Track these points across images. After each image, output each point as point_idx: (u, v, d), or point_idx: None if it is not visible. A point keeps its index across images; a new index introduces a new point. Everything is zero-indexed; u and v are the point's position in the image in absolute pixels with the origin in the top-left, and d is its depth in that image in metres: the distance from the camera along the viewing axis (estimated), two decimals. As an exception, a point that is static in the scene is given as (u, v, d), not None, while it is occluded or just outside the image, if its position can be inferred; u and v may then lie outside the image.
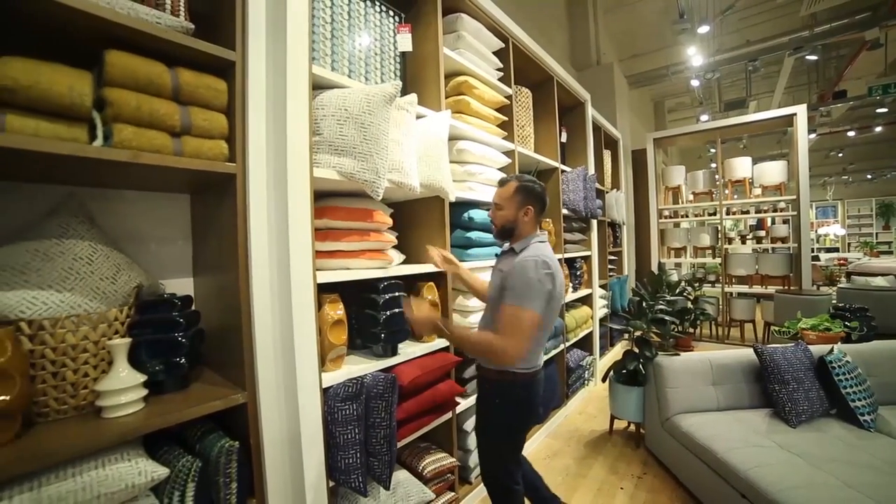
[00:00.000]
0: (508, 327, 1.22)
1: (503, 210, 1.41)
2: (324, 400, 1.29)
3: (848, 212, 14.88)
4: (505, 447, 1.40)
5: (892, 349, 2.33)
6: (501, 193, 1.42)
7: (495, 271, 1.46)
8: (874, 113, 8.68)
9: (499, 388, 1.37)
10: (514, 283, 1.26)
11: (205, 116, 1.11)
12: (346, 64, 1.62)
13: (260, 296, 1.20)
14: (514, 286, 1.25)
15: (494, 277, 1.44)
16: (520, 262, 1.28)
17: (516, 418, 1.37)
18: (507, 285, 1.28)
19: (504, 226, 1.42)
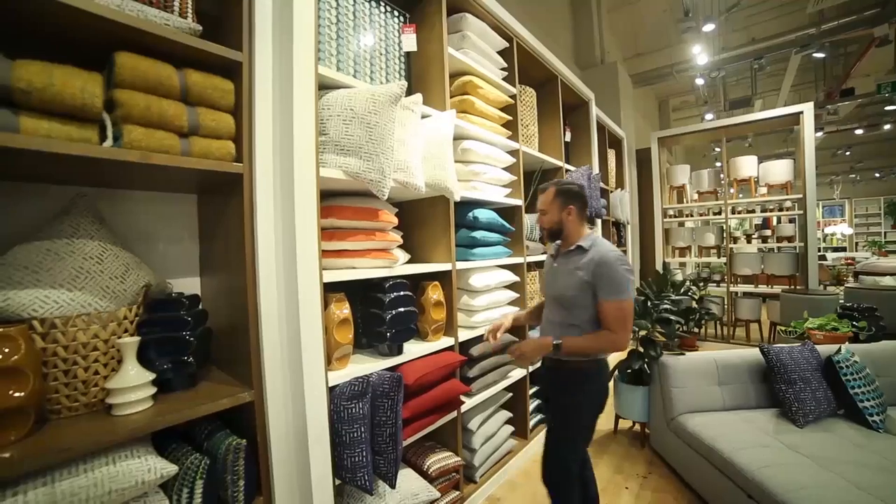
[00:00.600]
0: (618, 320, 1.33)
1: (547, 214, 1.51)
2: (330, 398, 1.30)
3: (855, 211, 14.71)
4: (586, 433, 1.48)
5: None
6: (543, 199, 1.53)
7: (566, 270, 1.45)
8: (883, 111, 8.57)
9: (586, 376, 1.44)
10: (608, 279, 1.34)
11: (212, 117, 1.12)
12: (352, 64, 1.62)
13: (267, 295, 1.21)
14: (609, 282, 1.34)
15: (567, 277, 1.44)
16: (602, 258, 1.36)
17: (599, 402, 1.46)
18: (597, 282, 1.35)
19: (552, 228, 1.51)
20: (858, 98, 7.10)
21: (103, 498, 0.86)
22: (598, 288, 1.35)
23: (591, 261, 1.37)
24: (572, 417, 1.44)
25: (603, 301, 1.35)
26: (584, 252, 1.42)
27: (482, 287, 1.96)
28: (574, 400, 1.43)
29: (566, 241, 1.51)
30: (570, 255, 1.47)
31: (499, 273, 2.12)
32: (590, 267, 1.37)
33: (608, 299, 1.34)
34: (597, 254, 1.38)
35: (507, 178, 2.24)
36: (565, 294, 1.43)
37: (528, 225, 2.56)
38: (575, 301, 1.40)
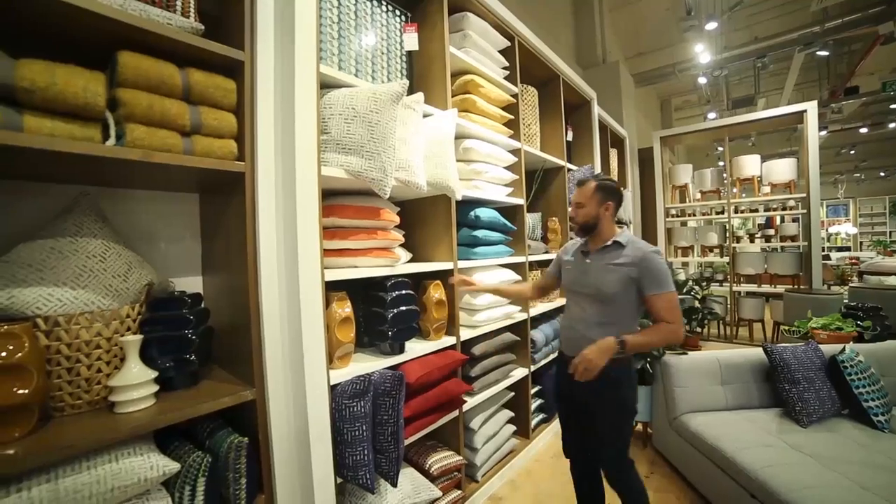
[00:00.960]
0: (672, 312, 1.37)
1: (585, 207, 1.49)
2: (331, 397, 1.30)
3: (860, 210, 14.60)
4: (632, 421, 1.52)
5: (907, 349, 2.30)
6: (583, 192, 1.50)
7: (603, 267, 1.44)
8: (887, 109, 8.51)
9: (628, 370, 1.49)
10: (656, 273, 1.38)
11: (214, 116, 1.13)
12: (353, 63, 1.63)
13: (268, 293, 1.21)
14: (657, 276, 1.38)
15: (606, 273, 1.43)
16: (645, 254, 1.40)
17: (636, 392, 1.53)
18: (644, 277, 1.38)
19: (587, 222, 1.49)
20: (863, 96, 7.05)
21: (106, 495, 0.86)
22: (645, 283, 1.38)
23: (636, 257, 1.40)
24: (627, 411, 1.48)
25: (654, 295, 1.38)
26: (621, 248, 1.44)
27: (484, 286, 1.96)
28: (624, 394, 1.47)
29: (599, 237, 1.50)
30: (605, 251, 1.47)
31: (501, 272, 2.11)
32: (634, 263, 1.39)
33: (659, 293, 1.37)
34: (638, 250, 1.41)
35: (509, 177, 2.24)
36: (605, 290, 1.42)
37: (530, 224, 2.56)
38: (616, 297, 1.41)
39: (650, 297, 1.38)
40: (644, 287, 1.39)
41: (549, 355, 2.61)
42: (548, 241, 2.82)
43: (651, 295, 1.38)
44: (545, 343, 2.53)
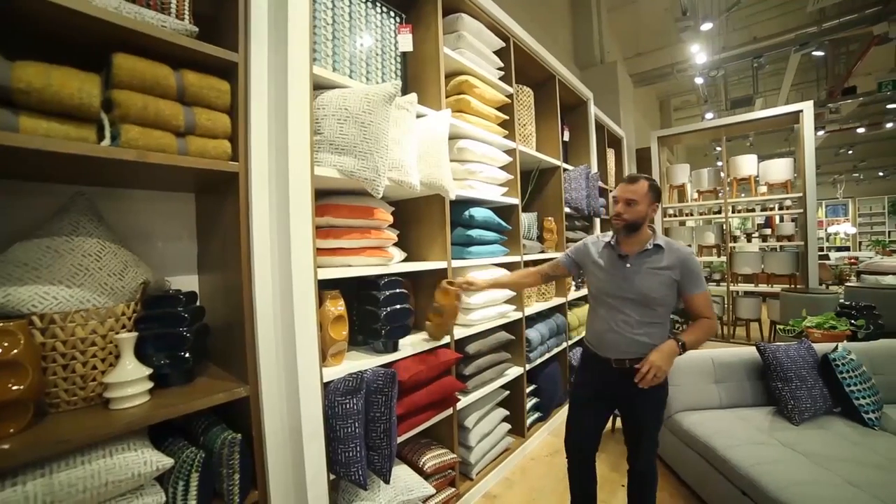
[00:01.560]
0: (711, 308, 1.48)
1: (639, 205, 1.47)
2: (324, 394, 1.32)
3: (859, 210, 14.62)
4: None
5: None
6: (636, 190, 1.47)
7: (646, 271, 1.45)
8: (885, 109, 8.53)
9: None
10: (696, 274, 1.46)
11: (208, 116, 1.14)
12: (348, 64, 1.64)
13: (262, 292, 1.23)
14: (697, 276, 1.46)
15: (650, 277, 1.44)
16: (685, 255, 1.46)
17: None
18: (686, 278, 1.44)
19: (636, 221, 1.48)
20: (860, 96, 7.08)
21: (100, 489, 0.88)
22: (688, 283, 1.45)
23: (677, 259, 1.45)
24: (665, 403, 1.57)
25: (695, 294, 1.45)
26: (661, 251, 1.47)
27: (478, 285, 1.97)
28: (663, 392, 1.54)
29: (637, 240, 1.49)
30: (646, 255, 1.47)
31: (495, 271, 2.12)
32: (677, 265, 1.44)
33: (699, 292, 1.45)
34: (678, 252, 1.47)
35: (504, 176, 2.25)
36: (651, 294, 1.43)
37: (526, 224, 2.58)
38: (662, 300, 1.45)
39: (691, 297, 1.46)
40: (685, 287, 1.45)
41: (544, 354, 2.63)
42: (543, 241, 2.83)
43: (692, 294, 1.45)
44: (540, 342, 2.54)
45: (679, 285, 1.46)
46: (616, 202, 1.51)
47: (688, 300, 1.47)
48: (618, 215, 1.49)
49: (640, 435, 1.55)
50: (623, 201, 1.48)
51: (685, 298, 1.48)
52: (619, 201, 1.50)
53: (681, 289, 1.46)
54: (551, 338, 2.71)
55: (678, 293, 1.48)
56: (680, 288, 1.46)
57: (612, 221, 1.52)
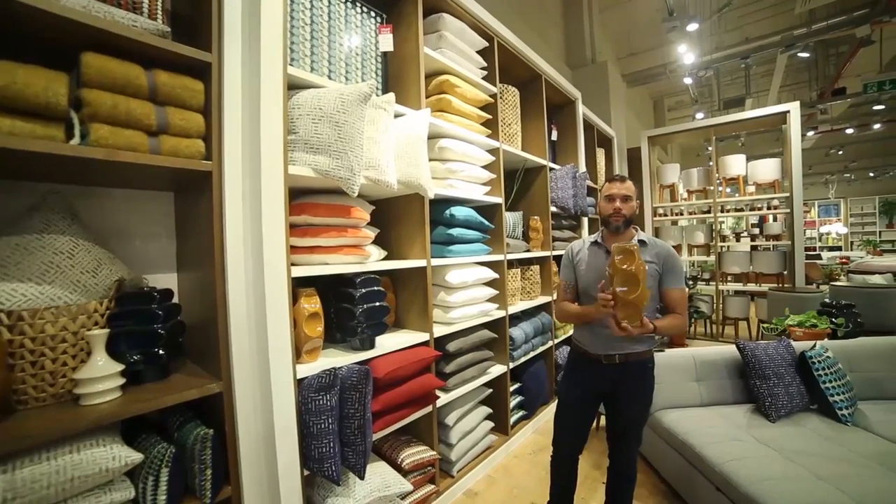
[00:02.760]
0: (685, 305, 1.53)
1: (633, 201, 1.56)
2: (298, 390, 1.33)
3: (851, 210, 14.73)
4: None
5: (876, 346, 2.34)
6: (629, 187, 1.58)
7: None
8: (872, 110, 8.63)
9: (653, 365, 1.58)
10: (677, 269, 1.52)
11: (181, 116, 1.16)
12: (326, 65, 1.65)
13: (235, 289, 1.24)
14: (678, 271, 1.52)
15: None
16: (668, 250, 1.54)
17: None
18: (667, 272, 1.51)
19: (631, 216, 1.56)
20: (849, 97, 7.15)
21: (65, 485, 0.89)
22: (668, 276, 1.51)
23: (661, 253, 1.52)
24: (649, 407, 1.60)
25: (673, 289, 1.51)
26: (645, 245, 1.53)
27: (459, 284, 1.99)
28: (650, 385, 1.57)
29: (626, 236, 1.56)
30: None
31: (477, 270, 2.14)
32: (660, 259, 1.51)
33: (677, 287, 1.51)
34: (661, 246, 1.54)
35: (486, 175, 2.27)
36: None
37: (510, 223, 2.59)
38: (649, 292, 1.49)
39: (669, 290, 1.51)
40: (665, 281, 1.51)
41: (528, 353, 2.65)
42: (529, 240, 2.85)
43: (670, 288, 1.51)
44: (525, 340, 2.56)
45: (660, 278, 1.51)
46: (611, 200, 1.56)
47: (665, 294, 1.52)
48: (617, 211, 1.55)
49: (624, 433, 1.58)
50: (620, 198, 1.55)
51: (663, 292, 1.52)
52: (616, 199, 1.55)
53: (661, 282, 1.52)
54: (536, 336, 2.73)
55: (659, 287, 1.52)
56: (660, 281, 1.52)
57: (612, 219, 1.55)
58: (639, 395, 1.55)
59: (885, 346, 2.36)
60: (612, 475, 1.64)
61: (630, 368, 1.51)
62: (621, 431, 1.58)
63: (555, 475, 1.70)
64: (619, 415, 1.57)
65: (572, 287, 1.68)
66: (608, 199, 1.57)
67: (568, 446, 1.65)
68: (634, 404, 1.55)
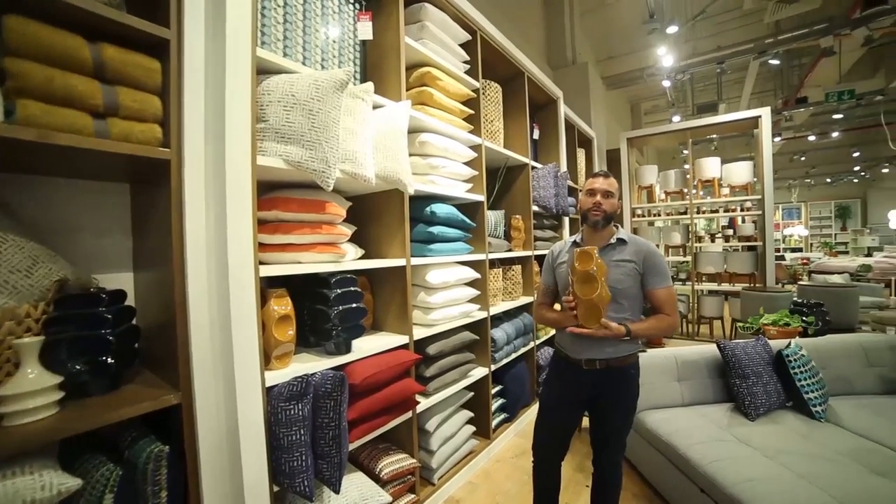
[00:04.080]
0: (672, 304, 1.45)
1: (614, 198, 1.51)
2: (267, 400, 1.22)
3: (810, 213, 15.56)
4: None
5: (844, 343, 2.42)
6: (612, 183, 1.52)
7: (612, 263, 1.44)
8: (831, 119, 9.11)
9: (638, 368, 1.53)
10: (661, 267, 1.46)
11: (134, 97, 1.03)
12: (301, 50, 1.55)
13: (196, 290, 1.13)
14: (661, 270, 1.46)
15: (615, 269, 1.43)
16: (649, 248, 1.47)
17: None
18: (649, 271, 1.44)
19: (614, 212, 1.51)
20: (810, 106, 7.53)
21: (-18, 520, 0.76)
22: (650, 276, 1.44)
23: (640, 251, 1.46)
24: (634, 412, 1.54)
25: (657, 289, 1.44)
26: (625, 244, 1.48)
27: (439, 284, 1.92)
28: (634, 392, 1.52)
29: (602, 235, 1.51)
30: (611, 248, 1.49)
31: (458, 269, 2.07)
32: (640, 257, 1.45)
33: (662, 286, 1.44)
34: (642, 245, 1.48)
35: (468, 172, 2.20)
36: (618, 287, 1.42)
37: (492, 221, 2.54)
38: (626, 293, 1.44)
39: (654, 291, 1.45)
40: (648, 281, 1.45)
41: (510, 354, 2.60)
42: (511, 239, 2.81)
43: (654, 289, 1.44)
44: (506, 342, 2.51)
45: (642, 279, 1.45)
46: (592, 195, 1.50)
47: (650, 294, 1.46)
48: (597, 206, 1.48)
49: (608, 438, 1.53)
50: (602, 193, 1.49)
51: (648, 293, 1.46)
52: (597, 193, 1.49)
53: (643, 283, 1.46)
54: (518, 337, 2.68)
55: (642, 288, 1.47)
56: (643, 282, 1.46)
57: (591, 214, 1.50)
58: (622, 402, 1.50)
59: (852, 343, 2.43)
60: (597, 482, 1.60)
61: (612, 374, 1.46)
62: (605, 438, 1.53)
63: (537, 482, 1.65)
64: (603, 421, 1.53)
65: (552, 290, 1.63)
66: (589, 194, 1.51)
67: (550, 453, 1.60)
68: (617, 411, 1.50)
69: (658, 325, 1.44)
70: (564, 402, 1.55)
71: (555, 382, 1.59)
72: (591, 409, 1.56)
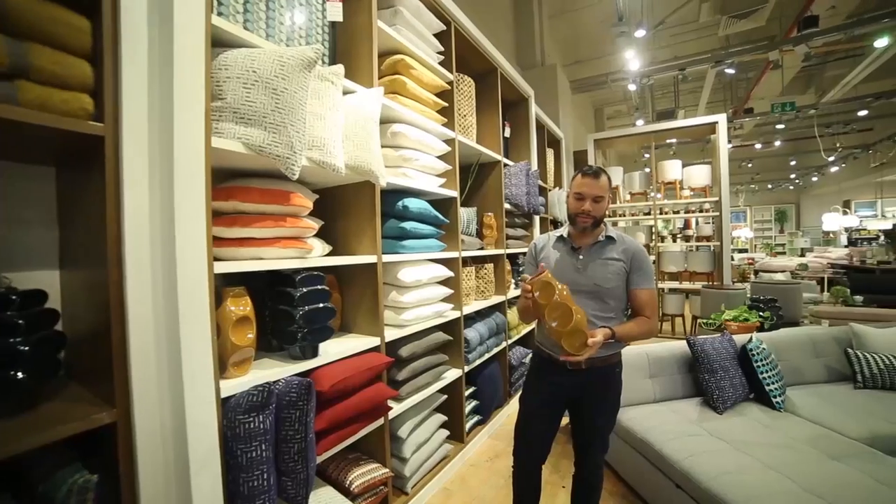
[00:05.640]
0: (653, 307, 1.42)
1: (605, 201, 1.42)
2: (223, 412, 1.08)
3: (755, 217, 16.84)
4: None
5: (796, 335, 2.56)
6: (602, 185, 1.41)
7: (600, 262, 1.41)
8: (774, 129, 9.89)
9: (621, 368, 1.49)
10: (646, 268, 1.42)
11: (55, 59, 0.87)
12: (263, 26, 1.41)
13: (136, 290, 0.97)
14: (647, 270, 1.42)
15: (603, 268, 1.40)
16: (637, 247, 1.43)
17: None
18: (635, 271, 1.40)
19: (602, 216, 1.43)
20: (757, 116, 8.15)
21: None
22: (635, 275, 1.41)
23: (628, 250, 1.42)
24: (617, 412, 1.51)
25: (641, 290, 1.40)
26: (613, 242, 1.44)
27: (412, 282, 1.82)
28: (618, 390, 1.49)
29: (592, 233, 1.45)
30: (598, 246, 1.44)
31: (431, 267, 1.99)
32: (627, 256, 1.41)
33: (645, 287, 1.41)
34: (630, 243, 1.44)
35: (442, 166, 2.12)
36: (604, 286, 1.38)
37: (465, 218, 2.47)
38: (613, 292, 1.40)
39: (637, 291, 1.40)
40: (633, 281, 1.41)
41: (483, 355, 2.54)
42: (483, 237, 2.76)
43: (638, 289, 1.40)
44: (479, 342, 2.45)
45: (627, 277, 1.42)
46: (580, 199, 1.40)
47: (632, 294, 1.42)
48: (586, 213, 1.39)
49: (591, 439, 1.49)
50: (591, 199, 1.39)
51: (630, 293, 1.42)
52: (586, 198, 1.39)
53: (628, 282, 1.42)
54: (491, 337, 2.63)
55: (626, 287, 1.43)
56: (627, 281, 1.42)
57: (579, 220, 1.41)
58: (606, 401, 1.47)
59: (802, 335, 2.58)
60: (578, 483, 1.56)
61: (597, 373, 1.42)
62: (588, 439, 1.49)
63: (517, 487, 1.58)
64: (586, 422, 1.48)
65: None
66: (577, 198, 1.41)
67: (531, 457, 1.54)
68: (601, 410, 1.47)
69: (640, 328, 1.39)
70: (546, 404, 1.50)
71: (536, 384, 1.53)
72: (574, 409, 1.51)
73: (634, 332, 1.39)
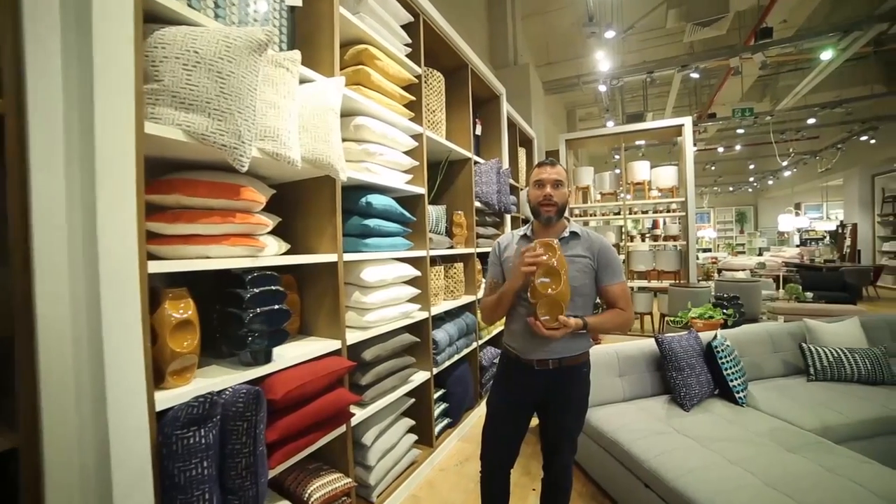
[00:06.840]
0: (627, 299, 1.41)
1: (565, 187, 1.42)
2: (158, 428, 0.98)
3: (717, 218, 17.68)
4: None
5: (756, 332, 2.64)
6: (560, 172, 1.43)
7: (567, 259, 1.35)
8: (735, 134, 10.39)
9: (588, 369, 1.46)
10: (614, 262, 1.40)
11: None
12: (211, 4, 1.30)
13: (48, 293, 0.86)
14: (615, 265, 1.40)
15: (570, 265, 1.35)
16: (602, 243, 1.41)
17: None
18: (603, 266, 1.39)
19: (565, 204, 1.43)
20: (719, 121, 8.53)
21: None
22: (604, 272, 1.39)
23: (594, 246, 1.40)
24: (585, 413, 1.49)
25: (611, 284, 1.39)
26: (578, 238, 1.42)
27: (376, 282, 1.74)
28: (586, 391, 1.46)
29: (555, 229, 1.43)
30: (563, 242, 1.39)
31: (397, 266, 1.91)
32: (593, 252, 1.39)
33: (616, 282, 1.40)
34: (595, 239, 1.42)
35: (409, 162, 2.05)
36: (571, 283, 1.34)
37: (433, 216, 2.41)
38: (581, 290, 1.37)
39: (608, 287, 1.40)
40: (601, 277, 1.39)
41: (452, 356, 2.48)
42: (453, 236, 2.70)
43: (608, 285, 1.39)
44: (449, 343, 2.39)
45: (596, 275, 1.40)
46: (541, 186, 1.40)
47: (603, 291, 1.40)
48: (548, 199, 1.39)
49: (559, 441, 1.45)
50: (551, 184, 1.39)
51: (601, 290, 1.40)
52: (546, 184, 1.39)
53: (597, 279, 1.40)
54: (460, 338, 2.58)
55: (595, 284, 1.41)
56: (597, 278, 1.40)
57: (543, 209, 1.40)
58: (574, 402, 1.44)
59: (761, 331, 2.67)
60: (547, 486, 1.52)
61: (565, 374, 1.39)
62: (557, 441, 1.46)
63: (486, 491, 1.53)
64: (555, 424, 1.45)
65: (500, 285, 1.52)
66: (537, 185, 1.41)
67: (499, 461, 1.49)
68: (570, 412, 1.43)
69: (615, 319, 1.39)
70: (514, 406, 1.46)
71: (504, 385, 1.49)
72: (542, 411, 1.47)
73: (608, 324, 1.40)
